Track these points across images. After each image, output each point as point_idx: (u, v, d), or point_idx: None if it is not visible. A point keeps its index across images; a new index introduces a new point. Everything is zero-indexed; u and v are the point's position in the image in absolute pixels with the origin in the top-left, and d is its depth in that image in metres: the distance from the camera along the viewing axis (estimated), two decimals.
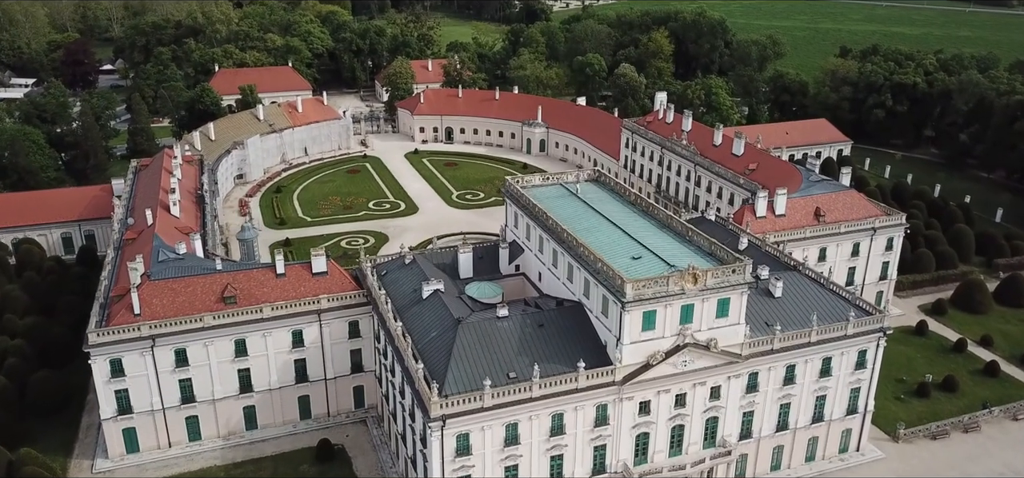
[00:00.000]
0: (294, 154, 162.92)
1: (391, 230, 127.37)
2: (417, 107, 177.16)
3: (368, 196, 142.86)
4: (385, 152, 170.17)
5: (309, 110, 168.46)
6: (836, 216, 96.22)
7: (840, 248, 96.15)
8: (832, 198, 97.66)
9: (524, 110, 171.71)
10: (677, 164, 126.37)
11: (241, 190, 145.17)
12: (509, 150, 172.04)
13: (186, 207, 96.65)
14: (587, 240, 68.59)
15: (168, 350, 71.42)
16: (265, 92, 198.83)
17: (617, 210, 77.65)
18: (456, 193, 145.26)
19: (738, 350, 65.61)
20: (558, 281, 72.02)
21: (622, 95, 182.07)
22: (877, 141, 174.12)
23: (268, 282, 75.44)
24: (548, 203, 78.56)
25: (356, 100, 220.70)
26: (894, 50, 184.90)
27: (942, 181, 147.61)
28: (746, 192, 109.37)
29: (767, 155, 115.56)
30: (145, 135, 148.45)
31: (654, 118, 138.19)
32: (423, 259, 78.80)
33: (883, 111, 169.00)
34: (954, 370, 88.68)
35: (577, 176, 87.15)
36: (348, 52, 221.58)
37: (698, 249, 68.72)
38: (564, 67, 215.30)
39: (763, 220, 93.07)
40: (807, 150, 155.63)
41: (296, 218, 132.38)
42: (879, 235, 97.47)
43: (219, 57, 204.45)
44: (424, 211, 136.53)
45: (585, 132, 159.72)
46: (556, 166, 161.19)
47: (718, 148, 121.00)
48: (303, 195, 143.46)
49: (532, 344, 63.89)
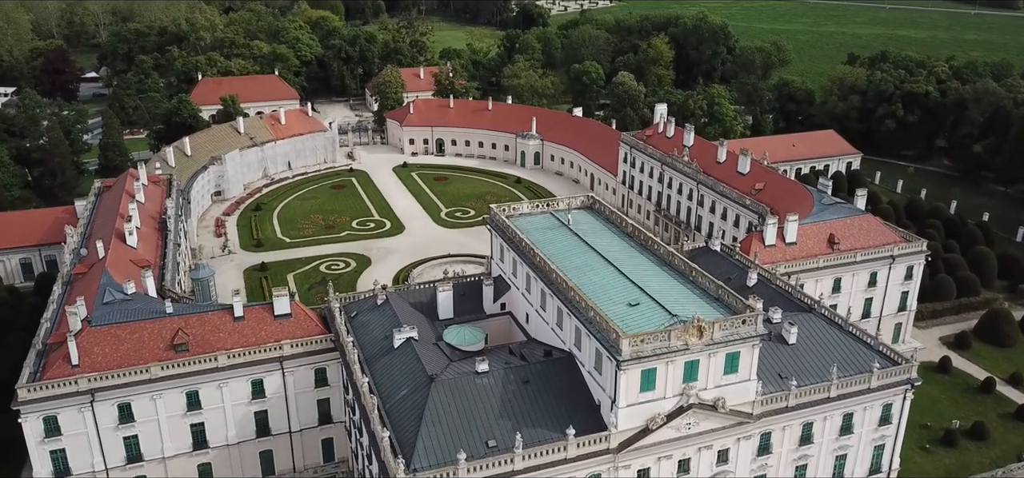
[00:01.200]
0: (277, 168, 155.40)
1: (375, 252, 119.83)
2: (406, 118, 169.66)
3: (352, 214, 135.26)
4: (373, 165, 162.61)
5: (293, 122, 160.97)
6: (851, 243, 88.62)
7: (856, 278, 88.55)
8: (847, 224, 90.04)
9: (518, 121, 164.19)
10: (678, 182, 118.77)
11: (219, 208, 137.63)
12: (503, 163, 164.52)
13: (146, 235, 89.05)
14: (579, 282, 61.07)
15: (110, 405, 63.87)
16: (250, 102, 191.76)
17: (612, 244, 70.06)
18: (445, 210, 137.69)
19: (749, 409, 58.04)
20: (547, 326, 64.45)
21: (620, 105, 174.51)
22: (887, 152, 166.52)
23: (225, 326, 67.86)
24: (536, 235, 71.02)
25: (346, 109, 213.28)
26: (904, 57, 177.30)
27: (958, 197, 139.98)
28: (752, 214, 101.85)
29: (774, 173, 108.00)
30: (117, 150, 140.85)
31: (654, 132, 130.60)
32: (397, 299, 71.15)
33: (894, 122, 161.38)
34: (983, 414, 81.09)
35: (569, 203, 79.56)
36: (337, 59, 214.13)
37: (703, 293, 61.12)
38: (561, 74, 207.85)
39: (773, 249, 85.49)
40: (815, 163, 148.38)
41: (275, 239, 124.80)
42: (898, 264, 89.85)
43: (203, 65, 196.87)
44: (410, 231, 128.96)
45: (582, 145, 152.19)
46: (551, 180, 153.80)
47: (722, 165, 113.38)
48: (284, 213, 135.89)
49: (516, 405, 56.31)
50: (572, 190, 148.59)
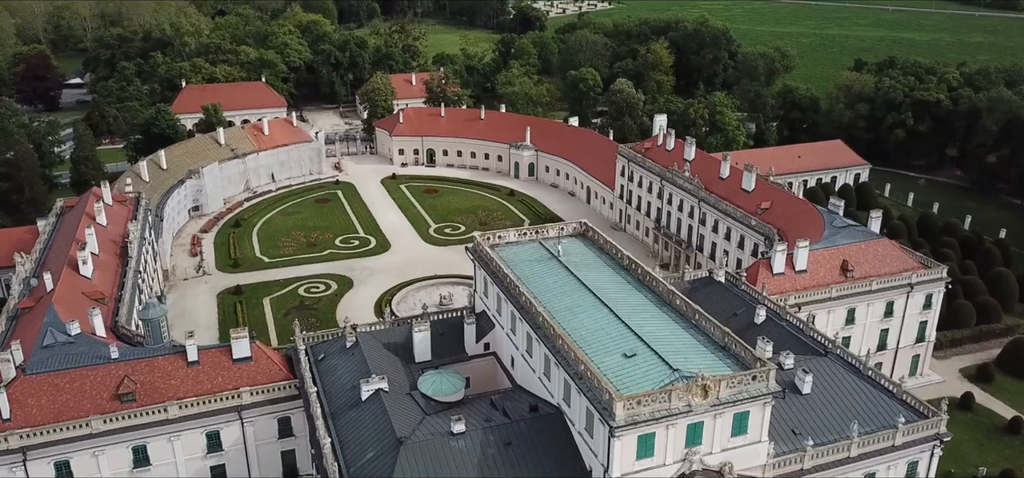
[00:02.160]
0: (259, 181, 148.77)
1: (358, 272, 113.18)
2: (396, 127, 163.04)
3: (336, 231, 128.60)
4: (360, 177, 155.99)
5: (276, 132, 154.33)
6: (866, 270, 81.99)
7: (871, 309, 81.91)
8: (861, 249, 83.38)
9: (512, 130, 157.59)
10: (679, 198, 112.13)
11: (197, 224, 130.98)
12: (496, 174, 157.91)
13: (104, 263, 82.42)
14: (569, 326, 54.56)
15: (46, 464, 57.30)
16: (236, 110, 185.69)
17: (607, 279, 63.41)
18: (434, 226, 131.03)
19: (759, 474, 51.39)
20: (534, 375, 57.84)
21: (619, 113, 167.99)
22: (896, 163, 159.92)
23: (177, 372, 61.24)
24: (523, 269, 64.46)
25: (336, 117, 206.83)
26: (913, 63, 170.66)
27: (972, 211, 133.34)
28: (758, 236, 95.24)
29: (781, 191, 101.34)
30: (90, 164, 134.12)
31: (653, 144, 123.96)
32: (369, 341, 64.49)
33: (903, 131, 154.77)
34: (1011, 459, 74.46)
35: (560, 231, 72.90)
36: (326, 65, 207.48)
37: (707, 340, 54.50)
38: (557, 80, 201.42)
39: (781, 278, 78.84)
40: (821, 175, 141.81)
41: (252, 258, 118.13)
42: (916, 292, 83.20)
43: (187, 72, 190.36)
44: (396, 248, 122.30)
45: (577, 156, 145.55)
46: (546, 193, 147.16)
47: (725, 181, 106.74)
48: (264, 230, 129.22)
49: (496, 471, 49.71)
50: (567, 203, 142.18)
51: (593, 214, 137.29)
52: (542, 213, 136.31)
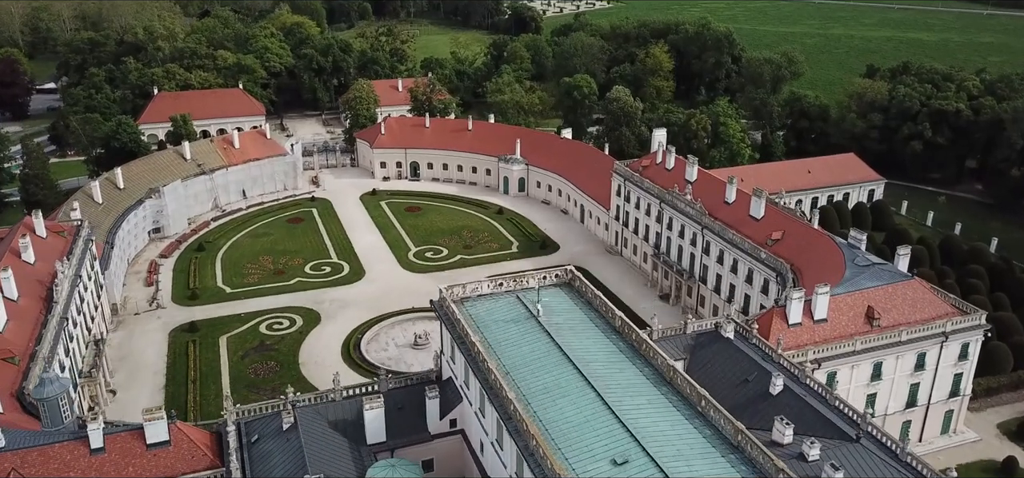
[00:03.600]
0: (228, 198, 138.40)
1: (326, 305, 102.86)
2: (377, 138, 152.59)
3: (307, 255, 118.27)
4: (338, 193, 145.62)
5: (248, 145, 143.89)
6: (895, 318, 71.74)
7: (900, 362, 71.67)
8: (888, 293, 73.08)
9: (501, 142, 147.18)
10: (680, 223, 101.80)
11: (156, 249, 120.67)
12: (484, 189, 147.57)
13: (24, 311, 72.16)
14: (548, 417, 44.52)
15: None
16: (211, 119, 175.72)
17: (595, 349, 53.14)
18: (414, 250, 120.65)
19: None
20: (505, 472, 47.59)
21: (615, 123, 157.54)
22: (912, 176, 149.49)
23: (77, 463, 50.98)
24: (495, 332, 54.25)
25: (318, 125, 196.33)
26: (929, 69, 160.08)
27: (997, 232, 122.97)
28: (769, 271, 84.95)
29: (795, 219, 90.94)
30: (41, 182, 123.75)
31: (651, 162, 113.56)
32: (311, 419, 54.19)
33: (920, 143, 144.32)
34: None
35: (541, 280, 62.59)
36: (308, 71, 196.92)
37: (716, 434, 44.27)
38: (552, 86, 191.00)
39: (798, 330, 68.61)
40: (833, 191, 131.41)
41: (213, 289, 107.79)
42: (952, 342, 72.97)
43: (160, 78, 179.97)
44: (372, 276, 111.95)
45: (571, 172, 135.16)
46: (537, 211, 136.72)
47: (731, 207, 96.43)
48: (230, 255, 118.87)
49: None
50: (560, 223, 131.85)
51: (587, 234, 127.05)
52: (532, 234, 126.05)
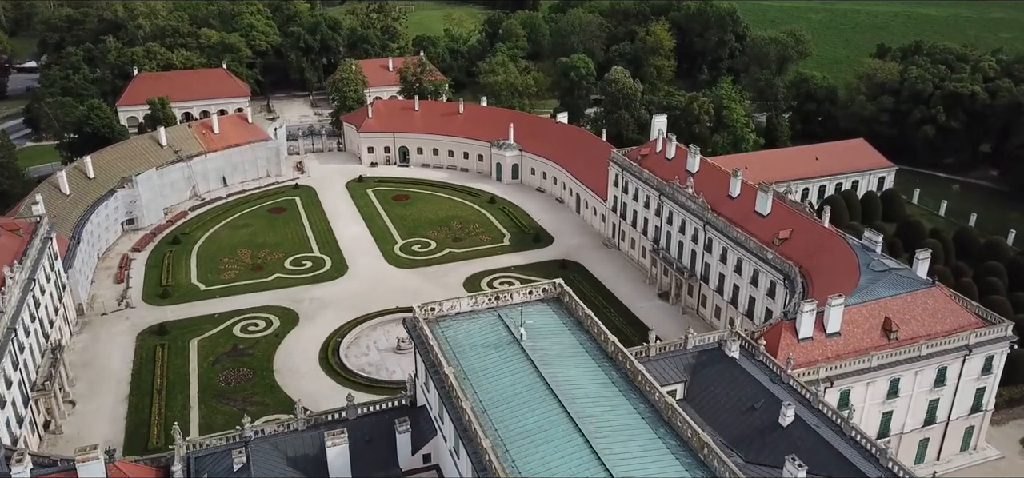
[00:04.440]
0: (208, 186, 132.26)
1: (306, 305, 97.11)
2: (364, 122, 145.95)
3: (287, 249, 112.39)
4: (323, 179, 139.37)
5: (228, 130, 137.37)
6: (914, 330, 65.88)
7: (919, 378, 65.94)
8: (907, 302, 67.13)
9: (493, 127, 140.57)
10: (680, 218, 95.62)
11: (129, 241, 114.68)
12: (476, 175, 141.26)
13: None
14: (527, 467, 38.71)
15: None
16: (194, 100, 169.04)
17: (584, 381, 47.29)
18: (400, 243, 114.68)
19: None
20: None
21: (614, 105, 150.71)
22: (924, 161, 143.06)
23: None
24: (473, 360, 48.41)
25: (305, 106, 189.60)
26: (943, 48, 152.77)
27: (1015, 223, 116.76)
28: (776, 273, 79.01)
29: (804, 217, 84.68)
30: (8, 171, 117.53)
31: (650, 151, 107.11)
32: (266, 454, 48.55)
33: (933, 127, 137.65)
34: None
35: (527, 296, 56.60)
36: (296, 50, 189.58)
37: None
38: (549, 64, 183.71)
39: (809, 344, 62.77)
40: (842, 179, 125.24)
41: (186, 286, 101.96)
42: (975, 355, 67.18)
43: (140, 58, 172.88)
44: (355, 272, 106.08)
45: (567, 159, 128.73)
46: (531, 199, 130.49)
47: (736, 201, 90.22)
48: (206, 248, 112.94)
49: None
50: (555, 212, 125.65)
51: (583, 226, 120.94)
52: (525, 225, 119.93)
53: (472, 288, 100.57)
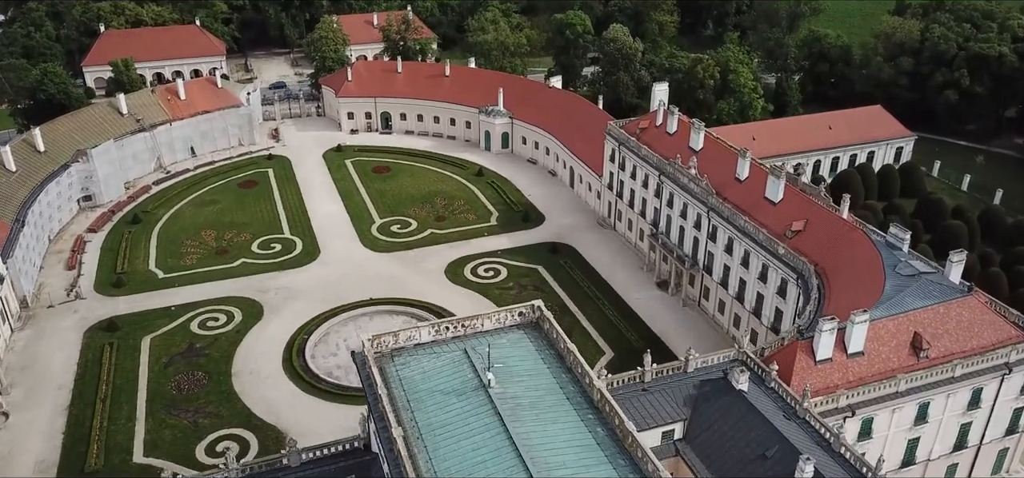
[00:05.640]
0: (175, 157, 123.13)
1: (272, 295, 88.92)
2: (343, 86, 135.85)
3: (256, 229, 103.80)
4: (299, 149, 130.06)
5: (196, 96, 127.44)
6: (947, 347, 57.61)
7: (952, 400, 57.93)
8: (939, 314, 58.67)
9: (482, 91, 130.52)
10: (682, 202, 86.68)
11: (86, 220, 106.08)
12: (463, 144, 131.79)
13: None
14: None
15: None
16: (164, 60, 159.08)
17: (561, 439, 39.14)
18: (379, 222, 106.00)
19: None
20: None
21: (612, 65, 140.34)
22: (945, 128, 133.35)
23: None
24: (430, 412, 40.28)
25: (286, 65, 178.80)
26: (967, 6, 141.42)
27: None
28: (788, 271, 70.53)
29: (820, 206, 75.53)
30: None
31: (650, 124, 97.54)
32: None
33: (956, 92, 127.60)
34: None
35: (499, 322, 48.15)
36: (275, 4, 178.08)
37: None
38: (543, 19, 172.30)
39: (827, 366, 54.59)
40: (857, 150, 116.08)
41: (143, 273, 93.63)
42: (1016, 373, 59.01)
43: (107, 13, 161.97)
44: (327, 257, 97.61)
45: (560, 128, 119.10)
46: (522, 172, 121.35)
47: (744, 184, 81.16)
48: (168, 228, 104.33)
49: None
50: (548, 186, 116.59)
51: (576, 203, 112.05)
52: (514, 202, 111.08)
53: (454, 276, 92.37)
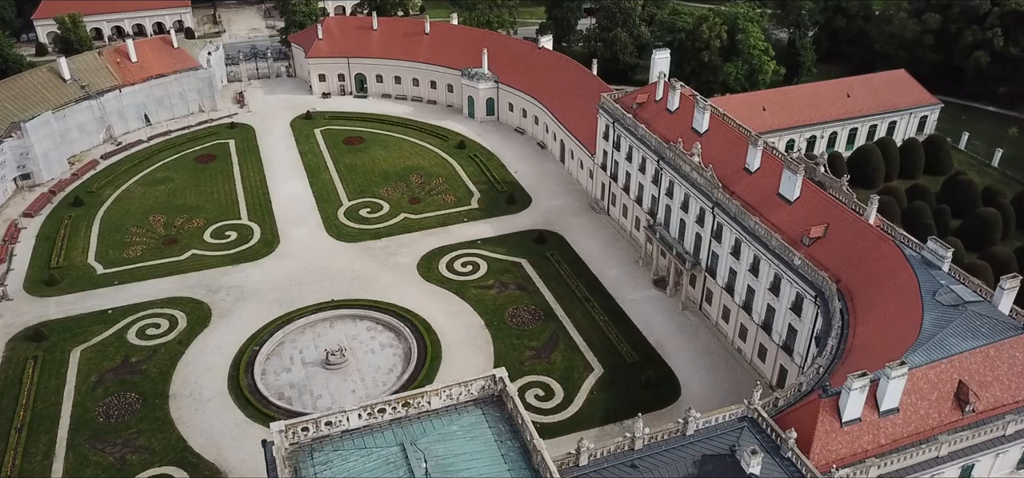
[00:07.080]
0: (127, 127, 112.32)
1: (222, 295, 79.27)
2: (313, 45, 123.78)
3: (210, 213, 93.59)
4: (266, 115, 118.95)
5: (150, 58, 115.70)
6: (996, 397, 48.15)
7: (1000, 460, 48.71)
8: (987, 357, 48.92)
9: (465, 51, 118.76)
10: (683, 192, 76.26)
11: (22, 202, 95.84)
12: (445, 110, 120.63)
13: None
14: None
15: None
16: (124, 13, 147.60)
17: None
18: (347, 204, 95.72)
19: None
20: None
21: (609, 22, 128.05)
22: (973, 93, 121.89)
23: None
24: None
25: (257, 18, 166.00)
26: None
27: None
28: (804, 286, 60.63)
29: (843, 207, 65.09)
30: None
31: (649, 98, 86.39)
32: None
33: (987, 54, 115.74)
34: None
35: (450, 399, 38.29)
36: None
37: None
38: None
39: (855, 429, 45.17)
40: (877, 120, 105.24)
41: (80, 268, 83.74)
42: None
43: None
44: (286, 247, 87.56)
45: (550, 97, 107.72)
46: (507, 143, 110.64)
47: (755, 177, 70.68)
48: (113, 212, 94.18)
49: None
50: (535, 161, 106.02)
51: (567, 182, 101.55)
52: (499, 181, 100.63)
53: (428, 271, 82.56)
